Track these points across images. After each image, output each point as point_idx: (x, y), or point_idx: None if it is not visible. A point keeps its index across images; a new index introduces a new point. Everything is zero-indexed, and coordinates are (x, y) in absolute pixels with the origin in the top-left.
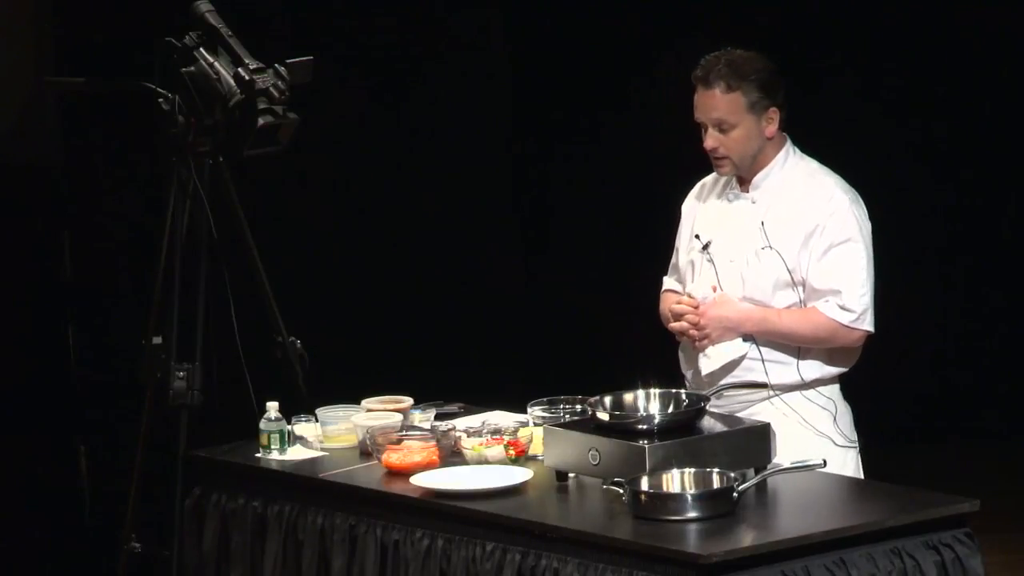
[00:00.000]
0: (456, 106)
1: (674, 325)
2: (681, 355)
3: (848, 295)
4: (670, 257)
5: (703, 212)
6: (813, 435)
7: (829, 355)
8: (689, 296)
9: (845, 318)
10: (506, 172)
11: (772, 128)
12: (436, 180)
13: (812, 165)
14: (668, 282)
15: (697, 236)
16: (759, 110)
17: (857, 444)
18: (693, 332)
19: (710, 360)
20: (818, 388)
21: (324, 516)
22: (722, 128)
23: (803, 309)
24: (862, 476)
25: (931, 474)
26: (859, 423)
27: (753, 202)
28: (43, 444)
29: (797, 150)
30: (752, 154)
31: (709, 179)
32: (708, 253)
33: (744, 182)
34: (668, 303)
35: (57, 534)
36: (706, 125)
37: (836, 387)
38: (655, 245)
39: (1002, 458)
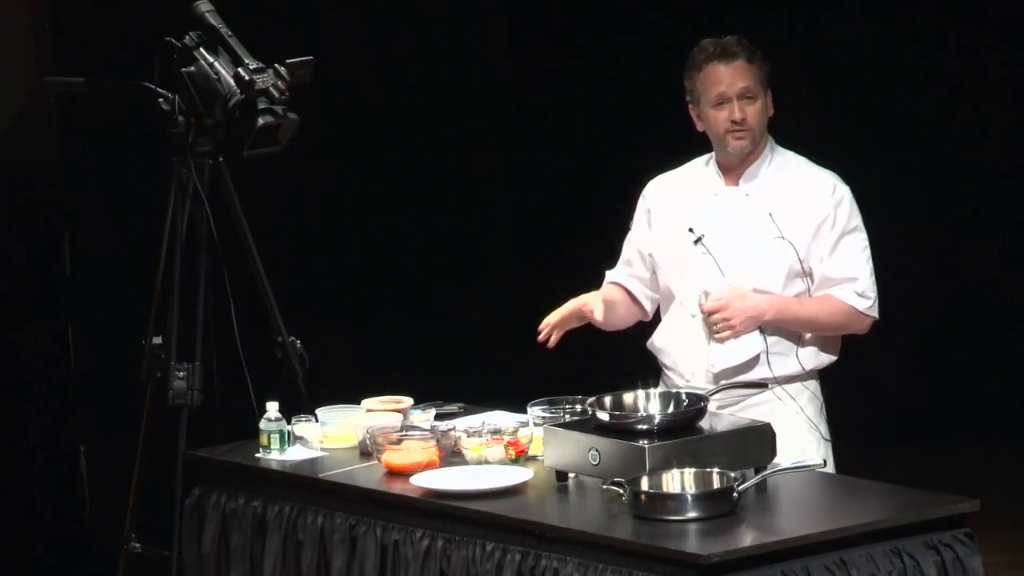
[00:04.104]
0: (456, 107)
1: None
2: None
3: (863, 282)
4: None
5: (688, 207)
6: (806, 425)
7: (823, 343)
8: (705, 294)
9: (862, 304)
10: (506, 171)
11: (771, 109)
12: (436, 180)
13: (800, 159)
14: (615, 275)
15: (691, 230)
16: (767, 87)
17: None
18: (721, 326)
19: (733, 355)
20: (805, 382)
21: (324, 516)
22: (748, 97)
23: (820, 296)
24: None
25: (931, 474)
26: (860, 424)
27: (747, 195)
28: (43, 444)
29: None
30: (763, 130)
31: (670, 176)
32: (703, 246)
33: (728, 174)
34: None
35: (57, 534)
36: (730, 98)
37: (818, 382)
38: None
39: (1002, 458)
